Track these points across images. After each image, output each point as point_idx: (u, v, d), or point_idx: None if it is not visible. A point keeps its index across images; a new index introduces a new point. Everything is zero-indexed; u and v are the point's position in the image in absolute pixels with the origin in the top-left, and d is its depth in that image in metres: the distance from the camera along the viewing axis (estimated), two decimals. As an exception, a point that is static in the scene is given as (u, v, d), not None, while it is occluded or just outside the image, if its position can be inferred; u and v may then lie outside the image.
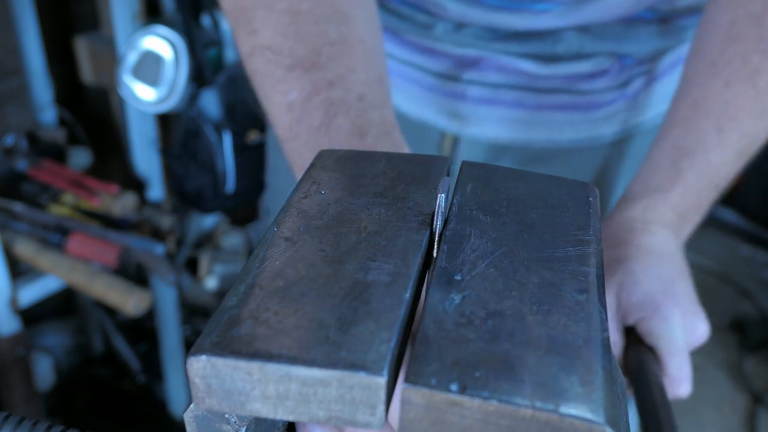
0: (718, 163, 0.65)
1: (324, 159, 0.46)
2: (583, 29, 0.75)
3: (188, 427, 0.37)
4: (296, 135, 0.58)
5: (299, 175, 0.58)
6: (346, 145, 0.55)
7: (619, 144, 0.85)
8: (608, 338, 0.32)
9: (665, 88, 0.84)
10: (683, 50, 0.84)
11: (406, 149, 0.58)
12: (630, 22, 0.76)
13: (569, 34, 0.75)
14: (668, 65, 0.84)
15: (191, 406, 0.36)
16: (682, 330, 0.61)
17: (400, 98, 0.84)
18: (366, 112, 0.57)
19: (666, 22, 0.77)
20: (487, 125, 0.82)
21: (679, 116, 0.67)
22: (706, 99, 0.65)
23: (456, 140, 0.85)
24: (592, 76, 0.79)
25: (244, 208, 1.92)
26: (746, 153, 0.67)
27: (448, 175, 0.45)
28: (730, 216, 2.99)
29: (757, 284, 2.67)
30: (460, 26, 0.76)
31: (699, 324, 0.64)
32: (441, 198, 0.39)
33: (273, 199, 1.08)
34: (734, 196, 3.04)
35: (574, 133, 0.83)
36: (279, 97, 0.59)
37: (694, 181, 0.65)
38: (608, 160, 0.85)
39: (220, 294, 2.01)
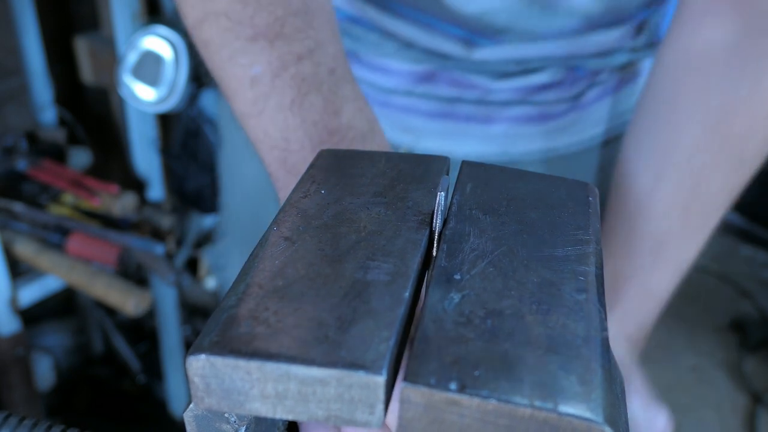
0: (657, 284, 0.71)
1: (324, 158, 0.46)
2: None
3: (188, 427, 0.37)
4: (262, 111, 0.55)
5: (264, 156, 0.56)
6: (320, 123, 0.53)
7: (576, 156, 0.85)
8: (607, 338, 0.32)
9: (615, 104, 0.85)
10: (643, 65, 0.85)
11: (377, 124, 0.56)
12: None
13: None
14: (624, 79, 0.85)
15: (191, 405, 0.36)
16: (642, 420, 0.63)
17: None
18: (338, 87, 0.54)
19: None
20: (439, 139, 0.82)
21: (613, 246, 0.72)
22: (637, 233, 0.70)
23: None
24: (545, 87, 0.79)
25: (244, 208, 1.92)
26: (685, 267, 0.73)
27: (447, 174, 0.45)
28: (730, 216, 2.99)
29: (757, 284, 2.67)
30: (410, 45, 0.76)
31: (659, 416, 0.66)
32: (440, 196, 0.39)
33: (229, 221, 1.04)
34: (734, 196, 3.04)
35: (528, 144, 0.82)
36: (239, 70, 0.55)
37: (634, 303, 0.70)
38: (564, 172, 0.86)
39: (220, 294, 2.01)
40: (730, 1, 0.64)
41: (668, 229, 0.70)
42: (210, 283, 2.01)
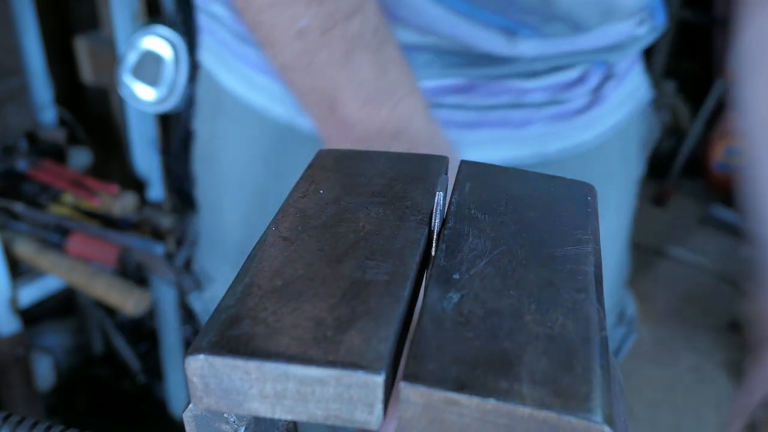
0: None
1: (322, 158, 0.46)
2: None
3: (187, 427, 0.37)
4: (309, 65, 0.55)
5: (310, 109, 0.56)
6: (370, 81, 0.54)
7: (601, 149, 0.86)
8: (606, 337, 0.32)
9: (627, 87, 0.87)
10: (635, 48, 0.87)
11: (418, 89, 0.57)
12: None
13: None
14: (626, 66, 0.86)
15: (190, 405, 0.36)
16: None
17: None
18: (382, 46, 0.55)
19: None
20: (472, 150, 0.82)
21: None
22: None
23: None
24: (572, 84, 0.81)
25: (244, 208, 1.92)
26: None
27: (446, 174, 0.45)
28: (730, 216, 2.99)
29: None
30: (443, 51, 0.75)
31: None
32: (439, 196, 0.39)
33: (209, 251, 1.01)
34: (734, 196, 3.04)
35: (559, 143, 0.83)
36: (285, 20, 0.55)
37: None
38: (584, 169, 0.85)
39: (220, 294, 2.01)
40: None
41: None
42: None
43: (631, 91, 0.88)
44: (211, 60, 0.88)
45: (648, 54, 0.97)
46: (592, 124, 0.85)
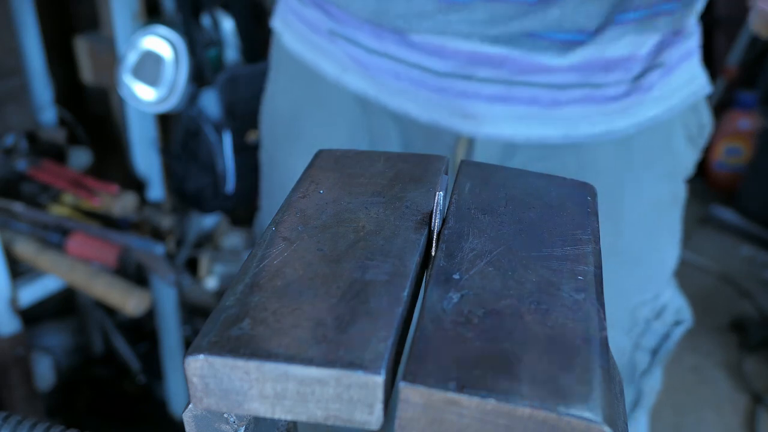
0: None
1: (322, 159, 0.46)
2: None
3: (187, 427, 0.37)
4: None
5: None
6: None
7: (633, 139, 0.85)
8: (606, 338, 0.32)
9: (676, 80, 0.85)
10: (693, 40, 0.86)
11: None
12: None
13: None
14: (678, 58, 0.84)
15: (190, 405, 0.36)
16: None
17: (409, 103, 0.84)
18: None
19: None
20: (502, 124, 0.82)
21: None
22: None
23: (470, 142, 0.84)
24: (606, 68, 0.79)
25: (244, 208, 1.92)
26: None
27: (446, 174, 0.45)
28: (730, 216, 2.99)
29: (757, 284, 2.67)
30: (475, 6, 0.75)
31: None
32: (439, 196, 0.39)
33: (267, 198, 1.08)
34: (734, 196, 3.05)
35: (590, 127, 0.82)
36: None
37: None
38: (621, 154, 0.85)
39: (220, 294, 2.01)
40: None
41: None
42: (210, 283, 2.01)
43: (681, 84, 0.86)
44: (279, 23, 0.97)
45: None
46: (629, 113, 0.83)
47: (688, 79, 0.87)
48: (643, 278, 0.91)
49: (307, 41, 0.91)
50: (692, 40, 0.86)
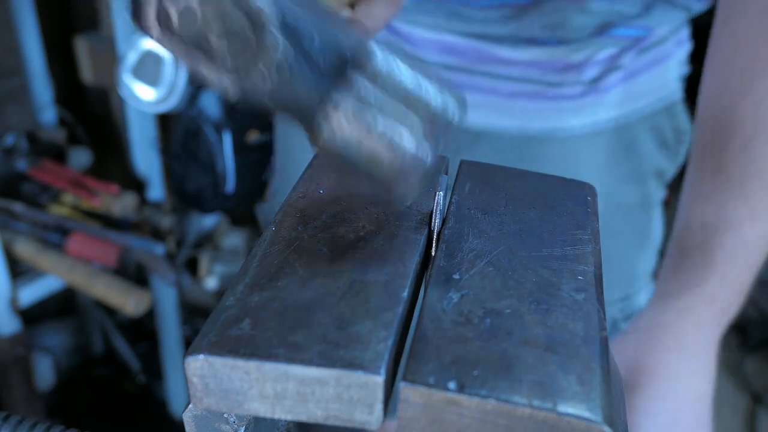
0: (753, 239, 0.61)
1: (322, 158, 0.46)
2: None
3: (187, 427, 0.37)
4: None
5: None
6: None
7: (591, 137, 0.85)
8: (606, 337, 0.32)
9: (641, 86, 0.85)
10: (664, 49, 0.85)
11: None
12: None
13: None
14: (645, 65, 0.84)
15: (190, 405, 0.36)
16: None
17: None
18: None
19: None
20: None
21: (701, 190, 0.63)
22: (725, 167, 0.61)
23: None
24: (564, 69, 0.81)
25: (244, 208, 1.92)
26: None
27: (446, 174, 0.45)
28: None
29: (757, 284, 2.67)
30: (439, 5, 0.76)
31: None
32: (439, 196, 0.39)
33: (281, 182, 1.08)
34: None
35: (543, 122, 0.84)
36: None
37: (729, 267, 0.61)
38: (578, 152, 0.86)
39: (220, 294, 2.01)
40: None
41: (762, 154, 0.59)
42: (210, 283, 2.01)
43: (648, 89, 0.86)
44: None
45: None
46: (584, 112, 0.84)
47: (657, 86, 0.86)
48: (609, 278, 0.90)
49: None
50: (666, 46, 0.85)
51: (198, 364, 0.31)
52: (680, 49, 0.88)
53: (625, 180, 0.89)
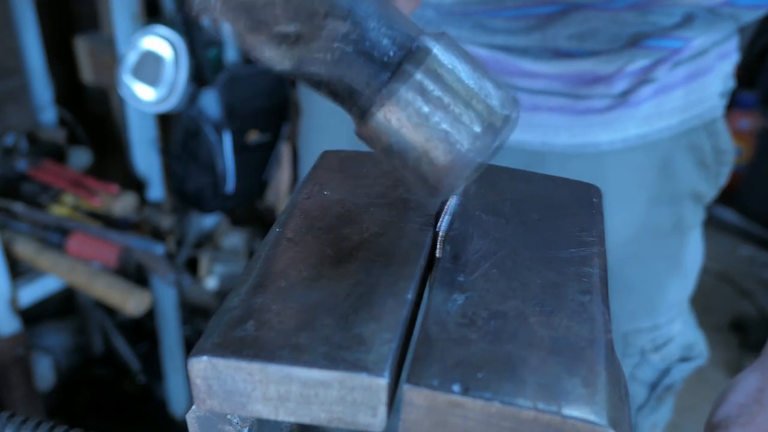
0: None
1: (327, 160, 0.46)
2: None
3: (191, 428, 0.37)
4: None
5: None
6: None
7: (621, 154, 0.81)
8: (611, 340, 0.32)
9: (676, 100, 0.81)
10: (703, 61, 0.81)
11: None
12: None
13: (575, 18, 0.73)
14: (681, 78, 0.80)
15: (193, 406, 0.36)
16: None
17: None
18: None
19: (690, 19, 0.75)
20: None
21: None
22: None
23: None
24: (592, 81, 0.78)
25: (244, 208, 1.92)
26: None
27: None
28: (730, 216, 2.98)
29: (757, 284, 2.67)
30: (464, 16, 0.75)
31: None
32: (453, 199, 0.39)
33: (306, 148, 1.07)
34: (734, 196, 3.04)
35: (569, 137, 0.80)
36: None
37: None
38: (607, 169, 0.82)
39: (220, 294, 2.01)
40: None
41: None
42: (210, 283, 2.01)
43: (684, 105, 0.81)
44: None
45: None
46: (611, 127, 0.80)
47: (694, 101, 0.82)
48: (635, 305, 0.86)
49: None
50: (706, 59, 0.81)
51: (201, 366, 0.31)
52: (724, 62, 0.83)
53: (658, 201, 0.84)
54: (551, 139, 0.81)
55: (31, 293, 1.54)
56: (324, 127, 0.97)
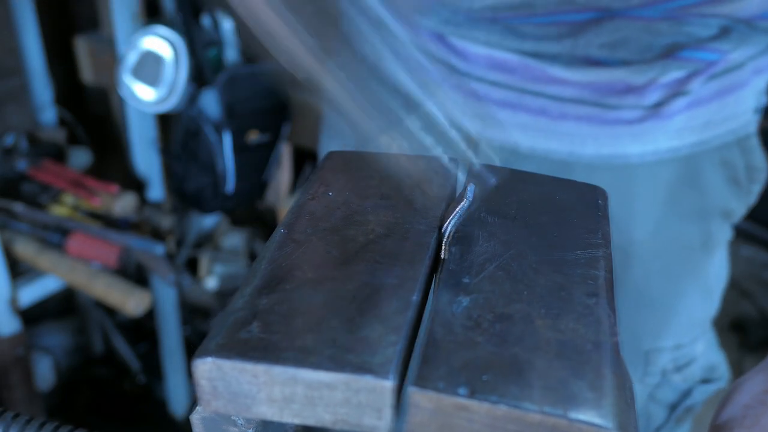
0: None
1: (332, 160, 0.45)
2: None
3: (195, 429, 0.37)
4: None
5: None
6: None
7: (650, 167, 0.79)
8: (618, 343, 0.32)
9: (710, 114, 0.79)
10: (738, 75, 0.79)
11: None
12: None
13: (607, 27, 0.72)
14: (715, 92, 0.78)
15: (198, 407, 0.36)
16: None
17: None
18: None
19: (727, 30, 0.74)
20: (507, 130, 0.80)
21: None
22: None
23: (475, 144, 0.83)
24: (624, 91, 0.76)
25: (244, 208, 1.92)
26: None
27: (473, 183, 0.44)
28: (729, 216, 2.98)
29: (757, 284, 2.67)
30: (494, 21, 0.74)
31: None
32: (465, 202, 0.38)
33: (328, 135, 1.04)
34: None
35: (597, 147, 0.78)
36: None
37: None
38: (636, 182, 0.80)
39: (220, 294, 2.01)
40: None
41: None
42: (210, 283, 2.01)
43: (719, 119, 0.79)
44: None
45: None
46: (641, 139, 0.78)
47: (728, 116, 0.80)
48: (659, 323, 0.84)
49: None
50: (742, 73, 0.79)
51: (206, 367, 0.31)
52: (759, 77, 0.81)
53: (687, 217, 0.82)
54: (578, 148, 0.79)
55: (31, 293, 1.55)
56: (344, 133, 0.97)
